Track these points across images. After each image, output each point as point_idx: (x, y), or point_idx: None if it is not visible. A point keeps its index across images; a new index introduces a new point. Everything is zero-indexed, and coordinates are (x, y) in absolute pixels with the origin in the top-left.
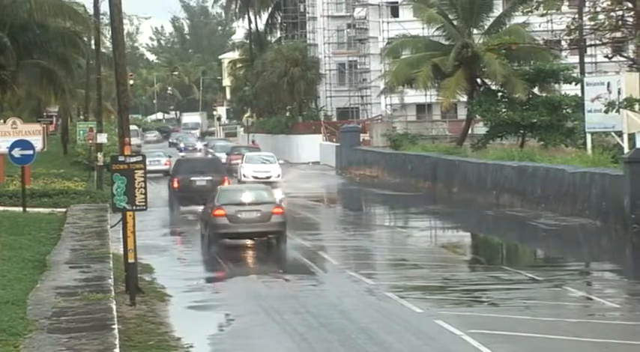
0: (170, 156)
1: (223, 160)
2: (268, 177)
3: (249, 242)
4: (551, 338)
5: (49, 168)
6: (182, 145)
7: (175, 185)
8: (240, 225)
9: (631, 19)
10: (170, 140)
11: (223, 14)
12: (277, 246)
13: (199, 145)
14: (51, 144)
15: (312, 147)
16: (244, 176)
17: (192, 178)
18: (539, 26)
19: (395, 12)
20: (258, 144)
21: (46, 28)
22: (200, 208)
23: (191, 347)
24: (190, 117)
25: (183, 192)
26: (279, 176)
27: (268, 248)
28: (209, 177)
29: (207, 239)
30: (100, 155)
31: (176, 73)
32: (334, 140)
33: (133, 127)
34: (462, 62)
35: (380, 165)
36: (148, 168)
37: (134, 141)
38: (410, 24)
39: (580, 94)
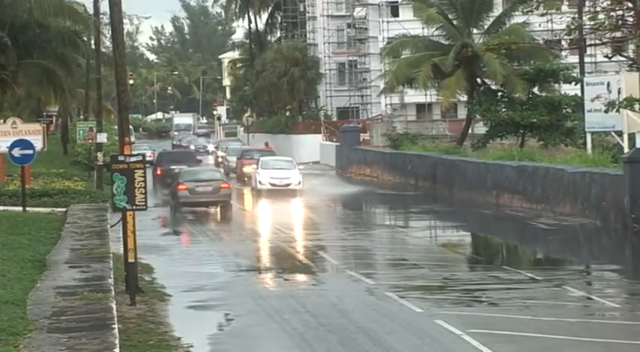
0: (154, 150)
1: (233, 165)
2: (287, 185)
3: (246, 241)
4: (551, 337)
5: (48, 168)
6: (192, 147)
7: (158, 172)
8: (197, 196)
9: (631, 19)
10: (173, 142)
11: (223, 14)
12: (225, 210)
13: (210, 147)
14: (51, 143)
15: (312, 146)
16: (260, 183)
17: (171, 167)
18: (539, 26)
19: (395, 12)
20: (271, 147)
21: (46, 28)
22: None
23: (191, 346)
24: (182, 119)
25: (164, 177)
26: (299, 183)
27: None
28: (184, 166)
29: (173, 207)
30: (99, 154)
31: (176, 72)
32: (334, 140)
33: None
34: (461, 62)
35: (380, 165)
36: None
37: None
38: (410, 24)
39: (580, 94)
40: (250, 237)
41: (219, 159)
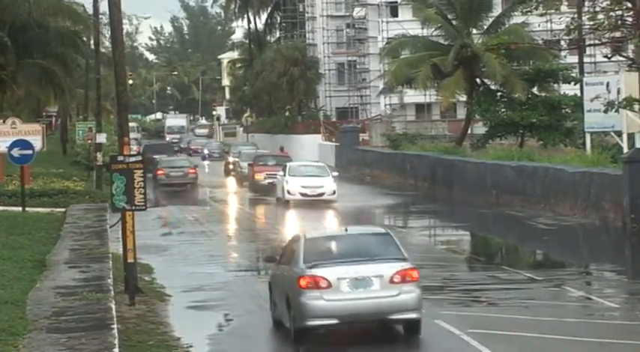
0: (140, 144)
1: (244, 171)
2: (321, 194)
3: (247, 241)
4: (550, 337)
5: (48, 168)
6: (206, 152)
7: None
8: (171, 179)
9: (630, 19)
10: (181, 145)
11: (222, 14)
12: (193, 191)
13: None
14: (50, 143)
15: (311, 146)
16: (289, 193)
17: (154, 156)
18: (539, 26)
19: (394, 12)
20: (287, 151)
21: (46, 28)
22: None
23: (190, 347)
24: (175, 120)
25: (148, 164)
26: (334, 193)
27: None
28: (165, 156)
29: (153, 187)
30: (99, 155)
31: (175, 72)
32: (333, 140)
33: (133, 124)
34: (461, 62)
35: (379, 165)
36: None
37: (132, 135)
38: (409, 24)
39: (579, 94)
40: (251, 238)
41: (231, 166)
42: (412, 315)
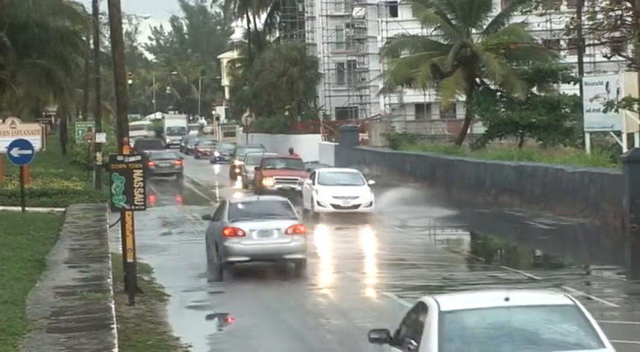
0: (137, 142)
1: (251, 175)
2: (356, 206)
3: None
4: None
5: (47, 168)
6: (217, 154)
7: None
8: (160, 169)
9: (630, 19)
10: (188, 146)
11: (222, 14)
12: (179, 180)
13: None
14: (50, 143)
15: (310, 146)
16: (319, 204)
17: (144, 151)
18: (538, 26)
19: (394, 11)
20: (297, 153)
21: (45, 28)
22: None
23: (190, 346)
24: (174, 121)
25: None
26: (371, 204)
27: None
28: (153, 150)
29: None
30: (98, 154)
31: (175, 72)
32: (333, 140)
33: (146, 122)
34: (460, 62)
35: (379, 165)
36: None
37: (143, 132)
38: (409, 23)
39: (579, 94)
40: None
41: (237, 170)
42: (300, 256)
